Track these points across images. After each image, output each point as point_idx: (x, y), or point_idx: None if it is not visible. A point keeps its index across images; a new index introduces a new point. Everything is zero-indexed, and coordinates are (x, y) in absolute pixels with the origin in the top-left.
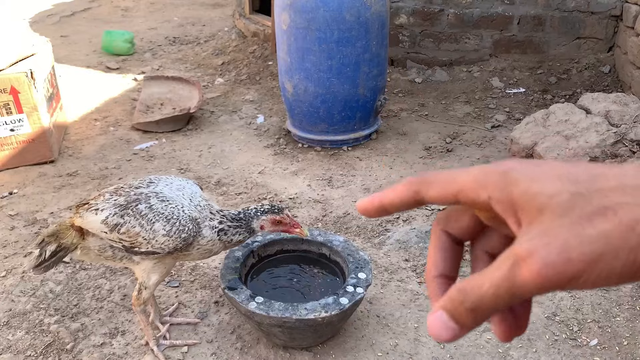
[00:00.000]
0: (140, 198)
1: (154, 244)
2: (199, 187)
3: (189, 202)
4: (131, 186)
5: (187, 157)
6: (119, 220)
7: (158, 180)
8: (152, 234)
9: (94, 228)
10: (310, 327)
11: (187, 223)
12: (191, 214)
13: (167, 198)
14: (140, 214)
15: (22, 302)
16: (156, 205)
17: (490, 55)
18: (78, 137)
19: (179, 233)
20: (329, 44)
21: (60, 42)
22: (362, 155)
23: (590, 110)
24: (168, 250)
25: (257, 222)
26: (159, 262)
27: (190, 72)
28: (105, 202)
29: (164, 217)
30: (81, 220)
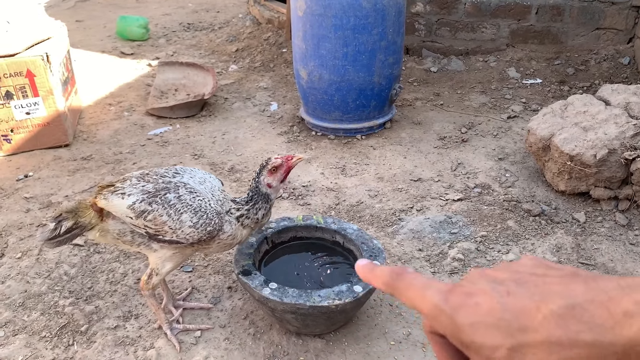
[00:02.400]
0: (169, 187)
1: (179, 234)
2: (219, 181)
3: (211, 195)
4: (157, 174)
5: (201, 143)
6: (146, 207)
7: (183, 172)
8: (179, 224)
9: (119, 212)
10: (323, 314)
11: (214, 217)
12: (216, 208)
13: (194, 190)
14: (168, 204)
15: (37, 283)
16: (185, 196)
17: (507, 45)
18: (92, 122)
19: (205, 226)
20: (345, 31)
21: (75, 27)
22: (376, 144)
23: (610, 101)
24: (192, 241)
25: (262, 186)
26: (177, 252)
27: (204, 58)
28: (132, 186)
29: (192, 208)
30: (106, 203)
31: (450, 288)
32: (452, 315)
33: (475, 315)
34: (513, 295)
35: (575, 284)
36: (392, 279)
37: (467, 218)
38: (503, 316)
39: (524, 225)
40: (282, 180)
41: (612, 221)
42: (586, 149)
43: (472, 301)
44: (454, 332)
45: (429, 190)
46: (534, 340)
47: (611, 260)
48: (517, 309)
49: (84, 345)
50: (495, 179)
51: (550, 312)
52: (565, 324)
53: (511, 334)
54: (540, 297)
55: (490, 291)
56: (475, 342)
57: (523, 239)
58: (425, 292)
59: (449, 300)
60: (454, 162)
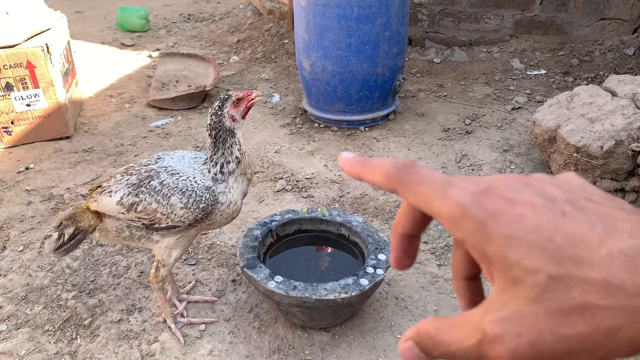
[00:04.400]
0: (151, 175)
1: (173, 217)
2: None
3: (193, 170)
4: (140, 164)
5: (203, 135)
6: (134, 200)
7: (165, 155)
8: (170, 208)
9: (111, 210)
10: (329, 308)
11: (204, 193)
12: (205, 183)
13: (176, 171)
14: (154, 190)
15: (39, 277)
16: (167, 180)
17: (511, 35)
18: (93, 114)
19: (197, 204)
20: (349, 21)
21: (74, 18)
22: (379, 136)
23: (617, 92)
24: (188, 222)
25: (226, 119)
26: (181, 237)
27: (205, 49)
28: (117, 183)
29: (178, 190)
30: (96, 205)
31: (483, 189)
32: (484, 221)
33: (516, 228)
34: (570, 218)
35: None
36: (398, 170)
37: None
38: (554, 238)
39: None
40: (244, 115)
41: None
42: (593, 140)
43: (515, 211)
44: (480, 242)
45: None
46: (589, 276)
47: None
48: (573, 235)
49: (88, 339)
50: (500, 171)
51: (617, 250)
52: (635, 268)
53: (559, 261)
54: (604, 230)
55: (540, 206)
56: (508, 259)
57: None
58: (447, 189)
59: (481, 203)
60: (458, 154)
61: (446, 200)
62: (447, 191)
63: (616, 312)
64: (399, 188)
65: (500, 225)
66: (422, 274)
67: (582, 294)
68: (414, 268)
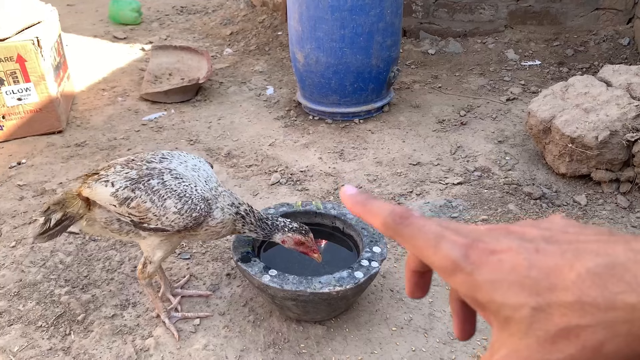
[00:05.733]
0: (152, 173)
1: (164, 220)
2: (209, 164)
3: (203, 183)
4: (143, 159)
5: (196, 129)
6: (129, 194)
7: (171, 157)
8: (163, 211)
9: (103, 200)
10: (324, 301)
11: (199, 202)
12: (204, 194)
13: (180, 175)
14: (152, 190)
15: (32, 272)
16: (169, 182)
17: (506, 26)
18: (86, 107)
19: (190, 212)
20: (342, 12)
21: (66, 11)
22: (374, 128)
23: (611, 82)
24: (177, 228)
25: (280, 235)
26: (165, 240)
27: (199, 42)
28: (116, 174)
29: (176, 194)
30: (90, 191)
31: (469, 243)
32: (471, 272)
33: (497, 272)
34: (543, 253)
35: (615, 243)
36: (394, 222)
37: (467, 202)
38: (529, 274)
39: (524, 209)
40: (292, 247)
41: (613, 204)
42: (587, 130)
43: (495, 258)
44: (470, 291)
45: (428, 174)
46: (564, 300)
47: None
48: (546, 266)
49: (81, 334)
50: (495, 162)
51: (585, 270)
52: (603, 284)
53: (537, 292)
54: (573, 255)
55: (517, 248)
56: (495, 301)
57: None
58: (439, 244)
59: (469, 257)
60: (453, 145)
61: (438, 254)
62: (439, 245)
63: (595, 328)
64: (397, 238)
65: (484, 273)
66: None
67: (562, 318)
68: None
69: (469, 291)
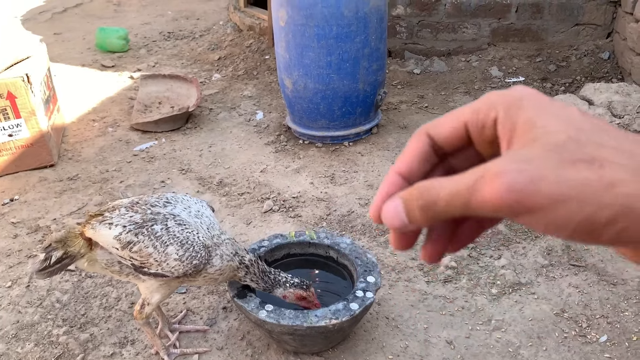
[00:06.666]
0: (156, 218)
1: (165, 266)
2: (210, 208)
3: (205, 230)
4: (147, 203)
5: (187, 157)
6: (132, 239)
7: (175, 201)
8: (165, 257)
9: (106, 242)
10: (321, 334)
11: (200, 250)
12: (205, 241)
13: (184, 222)
14: (155, 235)
15: (29, 313)
16: (173, 228)
17: (489, 44)
18: (77, 140)
19: (190, 259)
20: (328, 40)
21: (53, 40)
22: (363, 151)
23: (593, 101)
24: (177, 274)
25: (282, 290)
26: (164, 284)
27: (187, 67)
28: (120, 217)
29: (178, 241)
30: (93, 232)
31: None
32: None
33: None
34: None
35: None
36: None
37: None
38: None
39: (514, 229)
40: (293, 302)
41: None
42: None
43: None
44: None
45: None
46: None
47: (601, 260)
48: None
49: None
50: None
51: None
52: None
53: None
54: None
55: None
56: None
57: (514, 242)
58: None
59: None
60: None
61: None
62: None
63: (621, 168)
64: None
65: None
66: (410, 292)
67: (595, 150)
68: (402, 286)
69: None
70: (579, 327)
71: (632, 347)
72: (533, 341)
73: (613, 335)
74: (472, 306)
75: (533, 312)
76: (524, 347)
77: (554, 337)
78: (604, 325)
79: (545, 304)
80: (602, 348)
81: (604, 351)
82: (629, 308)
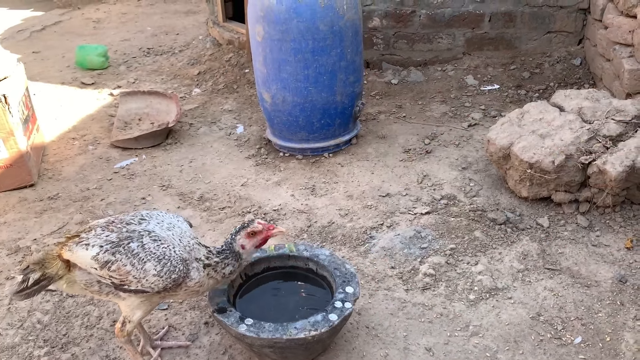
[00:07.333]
0: (132, 236)
1: (144, 283)
2: (187, 223)
3: (178, 241)
4: (122, 221)
5: (168, 173)
6: (110, 258)
7: (150, 217)
8: (143, 274)
9: (84, 263)
10: (301, 346)
11: (178, 264)
12: (182, 255)
13: (159, 238)
14: (132, 253)
15: (9, 335)
16: (148, 245)
17: (464, 53)
18: (57, 158)
19: (169, 274)
20: (305, 54)
21: (32, 59)
22: (343, 162)
23: (564, 107)
24: (157, 289)
25: (236, 244)
26: (145, 300)
27: (167, 83)
28: (96, 237)
29: (155, 257)
30: (70, 254)
31: None
32: None
33: None
34: None
35: None
36: None
37: (435, 231)
38: None
39: (490, 235)
40: (258, 246)
41: (574, 224)
42: (544, 155)
43: None
44: None
45: (397, 205)
46: None
47: (575, 263)
48: None
49: None
50: (460, 189)
51: None
52: None
53: None
54: None
55: None
56: None
57: (490, 248)
58: None
59: None
60: (419, 174)
61: None
62: None
63: None
64: None
65: None
66: (390, 300)
67: None
68: (382, 294)
69: None
70: (554, 329)
71: (606, 347)
72: (510, 345)
73: (587, 337)
74: (451, 312)
75: (510, 316)
76: (501, 351)
77: (530, 341)
78: (579, 327)
79: (521, 308)
80: (576, 349)
81: (578, 352)
82: (602, 309)
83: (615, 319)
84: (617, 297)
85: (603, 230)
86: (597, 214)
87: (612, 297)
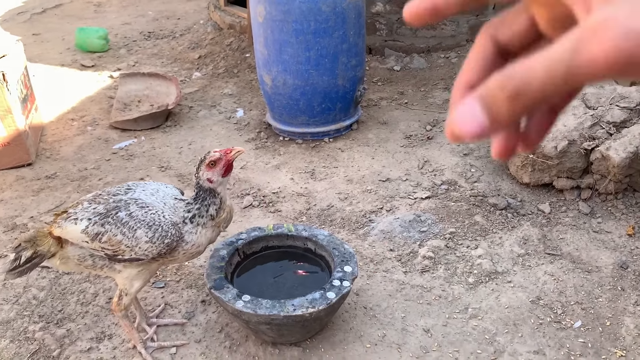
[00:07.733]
0: (119, 205)
1: (137, 250)
2: (178, 190)
3: (163, 204)
4: (109, 193)
5: (167, 155)
6: (99, 229)
7: (135, 187)
8: (135, 241)
9: (74, 238)
10: (298, 323)
11: (170, 228)
12: (172, 219)
13: (146, 204)
14: (121, 222)
15: (5, 310)
16: (136, 212)
17: (467, 40)
18: (55, 138)
19: (162, 239)
20: (306, 35)
21: (32, 41)
22: (343, 147)
23: None
24: (152, 256)
25: (202, 181)
26: (143, 269)
27: (167, 67)
28: (84, 210)
29: (145, 223)
30: (60, 230)
31: None
32: None
33: None
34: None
35: None
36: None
37: (435, 216)
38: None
39: (491, 220)
40: (224, 174)
41: (575, 210)
42: (547, 141)
43: None
44: None
45: (397, 189)
46: None
47: (576, 249)
48: None
49: None
50: (461, 175)
51: None
52: None
53: None
54: None
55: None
56: None
57: (491, 233)
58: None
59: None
60: (420, 160)
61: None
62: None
63: None
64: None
65: None
66: (388, 282)
67: None
68: (380, 276)
69: None
70: (554, 313)
71: (606, 331)
72: (509, 328)
73: (587, 321)
74: (449, 295)
75: (509, 300)
76: (500, 334)
77: (530, 324)
78: (579, 312)
79: (521, 292)
80: (576, 333)
81: (578, 336)
82: (602, 294)
83: (615, 304)
84: (618, 282)
85: (605, 217)
86: (599, 200)
87: (613, 283)
